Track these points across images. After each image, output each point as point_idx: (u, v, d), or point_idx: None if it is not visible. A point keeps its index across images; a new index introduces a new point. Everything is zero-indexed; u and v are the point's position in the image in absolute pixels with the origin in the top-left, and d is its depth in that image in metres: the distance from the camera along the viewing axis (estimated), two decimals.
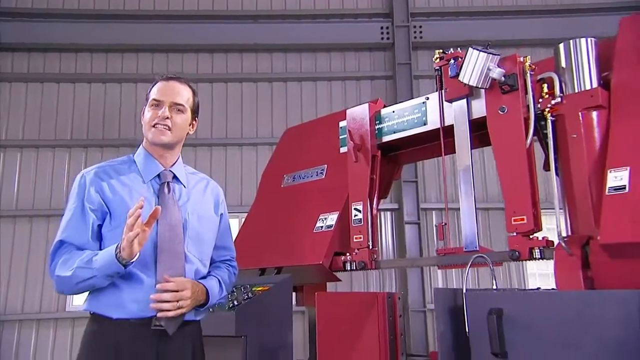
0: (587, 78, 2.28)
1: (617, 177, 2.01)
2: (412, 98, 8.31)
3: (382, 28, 8.59)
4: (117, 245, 1.80)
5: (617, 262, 1.95)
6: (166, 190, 2.04)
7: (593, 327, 1.69)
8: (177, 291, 1.86)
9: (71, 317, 7.73)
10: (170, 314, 1.85)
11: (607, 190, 2.02)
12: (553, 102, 2.30)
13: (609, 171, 2.05)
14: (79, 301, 7.89)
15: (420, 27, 8.55)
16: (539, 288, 2.26)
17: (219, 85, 8.60)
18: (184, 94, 2.11)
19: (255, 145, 8.35)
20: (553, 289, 2.08)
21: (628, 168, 2.01)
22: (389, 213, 8.26)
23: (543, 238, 2.26)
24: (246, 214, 3.93)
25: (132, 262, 1.81)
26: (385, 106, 3.20)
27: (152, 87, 2.14)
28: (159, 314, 1.85)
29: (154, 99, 2.08)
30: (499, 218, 6.47)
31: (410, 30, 8.51)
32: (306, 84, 8.63)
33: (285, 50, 8.67)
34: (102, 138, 8.38)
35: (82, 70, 8.53)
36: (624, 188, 1.98)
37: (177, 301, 1.86)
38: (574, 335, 1.72)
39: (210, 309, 2.17)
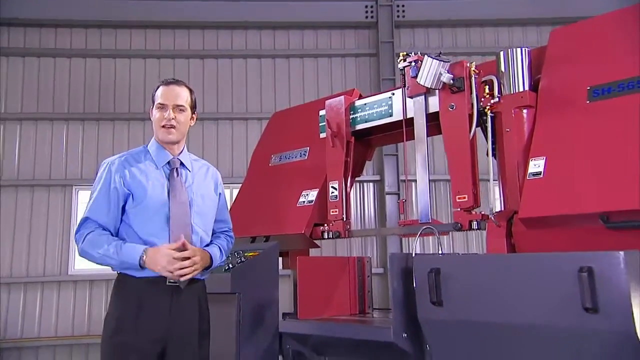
0: (520, 82, 2.76)
1: (536, 165, 2.52)
2: (395, 75, 8.73)
3: (366, 7, 8.92)
4: (144, 253, 2.28)
5: (532, 232, 2.48)
6: (175, 174, 2.51)
7: (511, 283, 2.20)
8: (189, 258, 2.36)
9: (73, 280, 8.22)
10: (188, 276, 2.35)
11: (527, 175, 2.53)
12: (492, 101, 2.78)
13: (530, 160, 2.56)
14: (80, 265, 8.40)
15: (403, 6, 8.89)
16: None
17: (210, 61, 8.94)
18: (183, 95, 2.54)
19: (245, 119, 8.76)
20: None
21: (544, 158, 2.52)
22: (371, 184, 8.78)
23: (480, 213, 2.79)
24: (237, 185, 4.40)
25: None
26: (360, 95, 3.67)
27: (156, 90, 2.54)
28: (182, 278, 2.33)
29: (159, 103, 2.50)
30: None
31: (394, 9, 8.85)
32: (294, 60, 8.99)
33: (273, 27, 8.99)
34: (98, 111, 8.72)
35: (77, 46, 8.79)
36: (540, 174, 2.49)
37: (192, 265, 2.35)
38: (496, 288, 2.24)
39: (211, 271, 2.68)
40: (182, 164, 2.57)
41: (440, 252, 2.77)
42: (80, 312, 8.13)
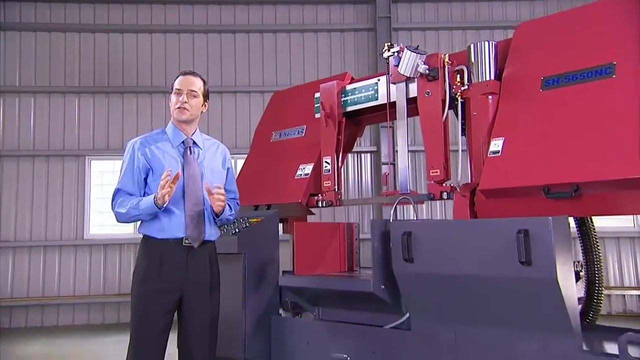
0: (487, 72, 3.17)
1: (496, 145, 2.96)
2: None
3: None
4: (155, 195, 2.75)
5: (490, 201, 2.94)
6: (189, 152, 2.96)
7: (467, 242, 2.65)
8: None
9: (88, 244, 8.79)
10: (222, 204, 2.86)
11: (488, 153, 2.97)
12: (463, 88, 3.18)
13: (492, 140, 3.00)
14: (94, 231, 8.96)
15: None
16: None
17: (214, 35, 9.26)
18: (197, 84, 2.99)
19: (248, 92, 9.14)
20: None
21: (503, 138, 2.95)
22: (368, 155, 9.22)
23: (449, 185, 3.25)
24: (240, 156, 4.80)
25: (164, 206, 2.76)
26: (352, 79, 4.08)
27: (176, 79, 3.00)
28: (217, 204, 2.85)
29: (177, 89, 2.96)
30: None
31: None
32: (294, 35, 9.31)
33: (274, 2, 9.27)
34: (108, 85, 9.12)
35: (85, 21, 9.13)
36: (499, 152, 2.93)
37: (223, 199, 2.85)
38: (455, 247, 2.67)
39: (221, 233, 3.17)
40: (194, 143, 3.02)
41: (415, 218, 3.25)
42: (96, 274, 8.72)
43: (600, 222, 8.43)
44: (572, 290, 2.39)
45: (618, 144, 2.50)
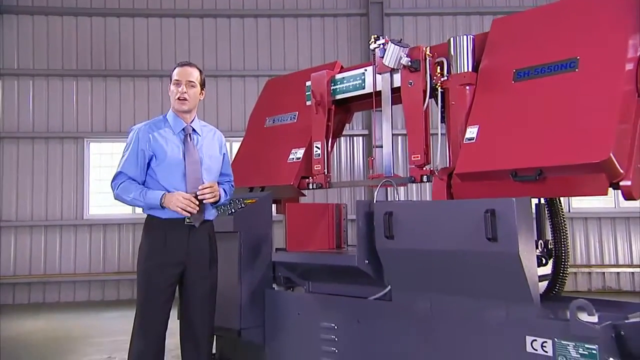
0: (465, 64, 3.40)
1: (471, 132, 3.22)
2: (383, 35, 9.28)
3: None
4: (163, 195, 3.00)
5: (465, 183, 3.20)
6: (189, 139, 3.22)
7: (441, 220, 2.91)
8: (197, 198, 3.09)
9: (88, 224, 9.05)
10: (211, 200, 3.09)
11: (464, 140, 3.24)
12: (442, 79, 3.42)
13: (468, 127, 3.26)
14: (93, 211, 9.21)
15: None
16: None
17: (209, 20, 9.39)
18: (194, 74, 3.23)
19: (243, 77, 9.31)
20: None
21: (478, 126, 3.21)
22: (360, 138, 9.46)
23: (429, 169, 3.52)
24: (236, 139, 5.01)
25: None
26: (342, 67, 4.32)
27: (174, 70, 3.22)
28: (205, 201, 3.08)
29: (175, 79, 3.19)
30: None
31: None
32: (288, 20, 9.47)
33: None
34: (105, 69, 9.28)
35: (82, 5, 9.27)
36: (473, 139, 3.19)
37: (214, 191, 3.10)
38: (431, 225, 2.94)
39: (218, 213, 3.43)
40: (193, 130, 3.26)
41: (397, 199, 3.53)
42: (96, 253, 9.00)
43: (582, 203, 8.80)
44: (532, 263, 2.67)
45: (577, 133, 2.77)
